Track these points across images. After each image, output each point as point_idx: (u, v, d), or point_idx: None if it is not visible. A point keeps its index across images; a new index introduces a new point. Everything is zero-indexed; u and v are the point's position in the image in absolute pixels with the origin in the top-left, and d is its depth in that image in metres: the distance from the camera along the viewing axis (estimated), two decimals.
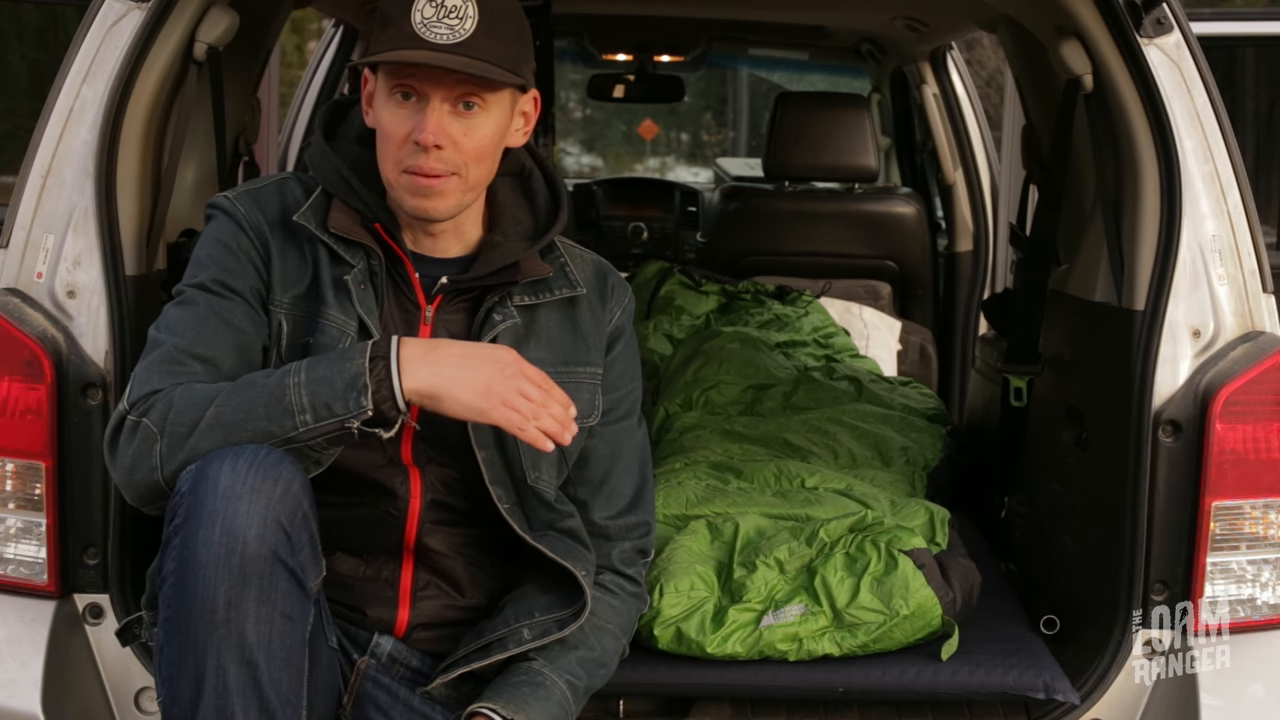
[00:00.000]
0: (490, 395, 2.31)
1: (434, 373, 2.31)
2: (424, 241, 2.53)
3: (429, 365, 2.32)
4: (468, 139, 2.41)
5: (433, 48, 2.35)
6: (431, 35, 2.36)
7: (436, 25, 2.36)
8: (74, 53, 2.81)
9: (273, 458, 2.26)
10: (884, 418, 3.94)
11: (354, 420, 2.28)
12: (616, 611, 2.62)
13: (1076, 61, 2.99)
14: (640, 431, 2.69)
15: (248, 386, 2.33)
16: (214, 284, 2.45)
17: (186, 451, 2.30)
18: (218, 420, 2.30)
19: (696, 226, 6.38)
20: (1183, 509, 2.78)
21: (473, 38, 2.36)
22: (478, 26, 2.37)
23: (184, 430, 2.31)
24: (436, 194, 2.42)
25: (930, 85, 5.53)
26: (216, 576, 2.18)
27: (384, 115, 2.41)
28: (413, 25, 2.36)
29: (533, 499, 2.53)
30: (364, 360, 2.30)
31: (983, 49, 14.15)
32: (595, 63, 7.00)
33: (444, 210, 2.45)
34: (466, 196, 2.47)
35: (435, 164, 2.39)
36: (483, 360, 2.34)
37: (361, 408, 2.28)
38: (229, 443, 2.29)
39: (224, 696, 2.19)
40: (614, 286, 2.65)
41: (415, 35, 2.36)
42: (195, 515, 2.20)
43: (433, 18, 2.36)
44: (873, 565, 2.89)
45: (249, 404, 2.30)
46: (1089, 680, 2.82)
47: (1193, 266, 2.81)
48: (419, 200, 2.43)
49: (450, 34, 2.36)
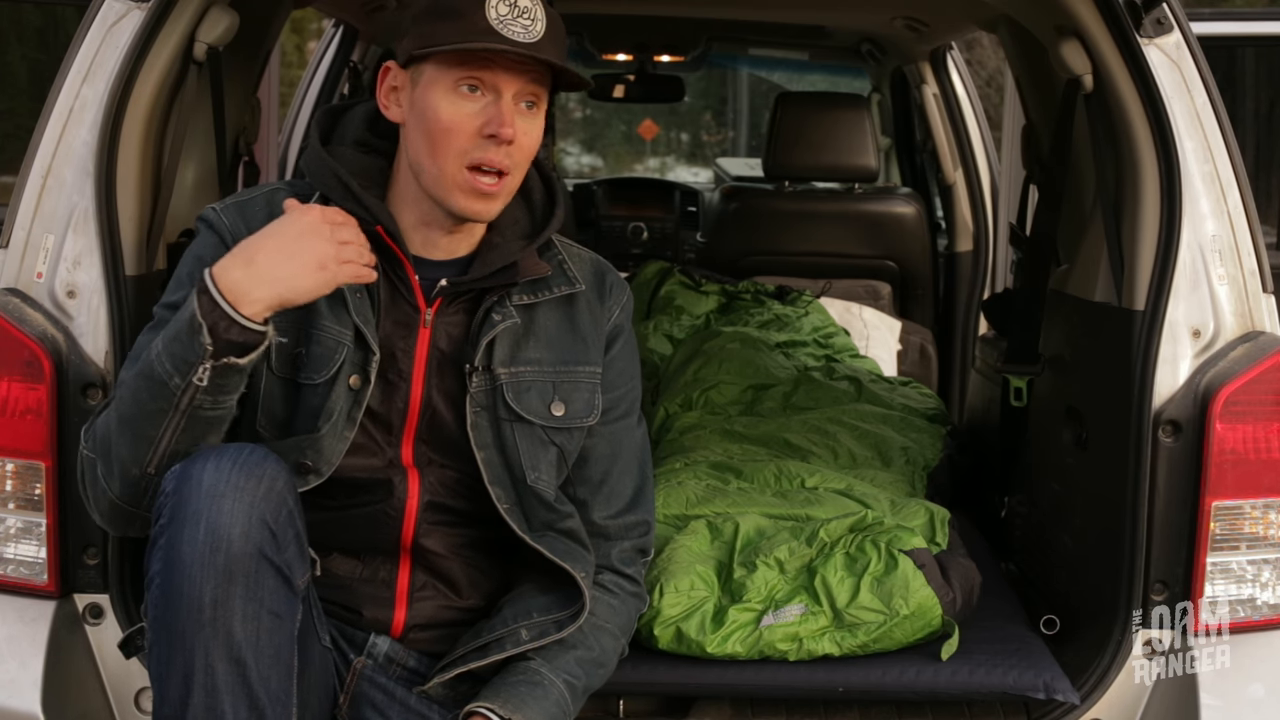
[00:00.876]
0: (326, 266, 2.30)
1: (261, 279, 2.27)
2: (440, 242, 2.51)
3: (253, 276, 2.27)
4: (528, 137, 2.44)
5: (513, 43, 2.38)
6: (509, 31, 2.38)
7: (512, 24, 2.39)
8: (74, 53, 2.81)
9: (256, 455, 2.26)
10: (884, 418, 3.94)
11: (206, 361, 2.25)
12: (615, 611, 2.62)
13: (1076, 61, 2.99)
14: (640, 430, 2.69)
15: (133, 379, 2.33)
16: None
17: (115, 463, 2.32)
18: (119, 420, 2.32)
19: (696, 226, 6.39)
20: (1183, 509, 2.78)
21: (543, 40, 2.40)
22: (546, 30, 2.41)
23: (106, 445, 2.33)
24: (494, 198, 2.44)
25: (930, 85, 5.53)
26: (202, 575, 2.18)
27: (444, 107, 2.41)
28: (488, 20, 2.38)
29: (532, 499, 2.53)
30: (193, 300, 2.26)
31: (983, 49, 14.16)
32: (595, 63, 7.00)
33: (494, 213, 2.48)
34: (509, 199, 2.49)
35: (504, 158, 2.42)
36: (298, 236, 2.30)
37: (203, 346, 2.24)
38: (137, 438, 2.30)
39: (213, 695, 2.20)
40: (612, 285, 2.65)
41: (493, 30, 2.38)
42: (180, 515, 2.21)
43: (508, 15, 2.39)
44: (873, 565, 2.89)
45: (134, 393, 2.31)
46: (1089, 680, 2.82)
47: (1193, 266, 2.81)
48: (475, 202, 2.44)
49: (525, 33, 2.39)
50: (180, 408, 2.27)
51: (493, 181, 2.43)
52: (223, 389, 2.29)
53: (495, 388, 2.51)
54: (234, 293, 2.26)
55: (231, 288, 2.26)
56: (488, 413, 2.51)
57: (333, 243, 2.30)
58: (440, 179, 2.43)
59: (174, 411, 2.28)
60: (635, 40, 6.54)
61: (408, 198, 2.49)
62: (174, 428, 2.29)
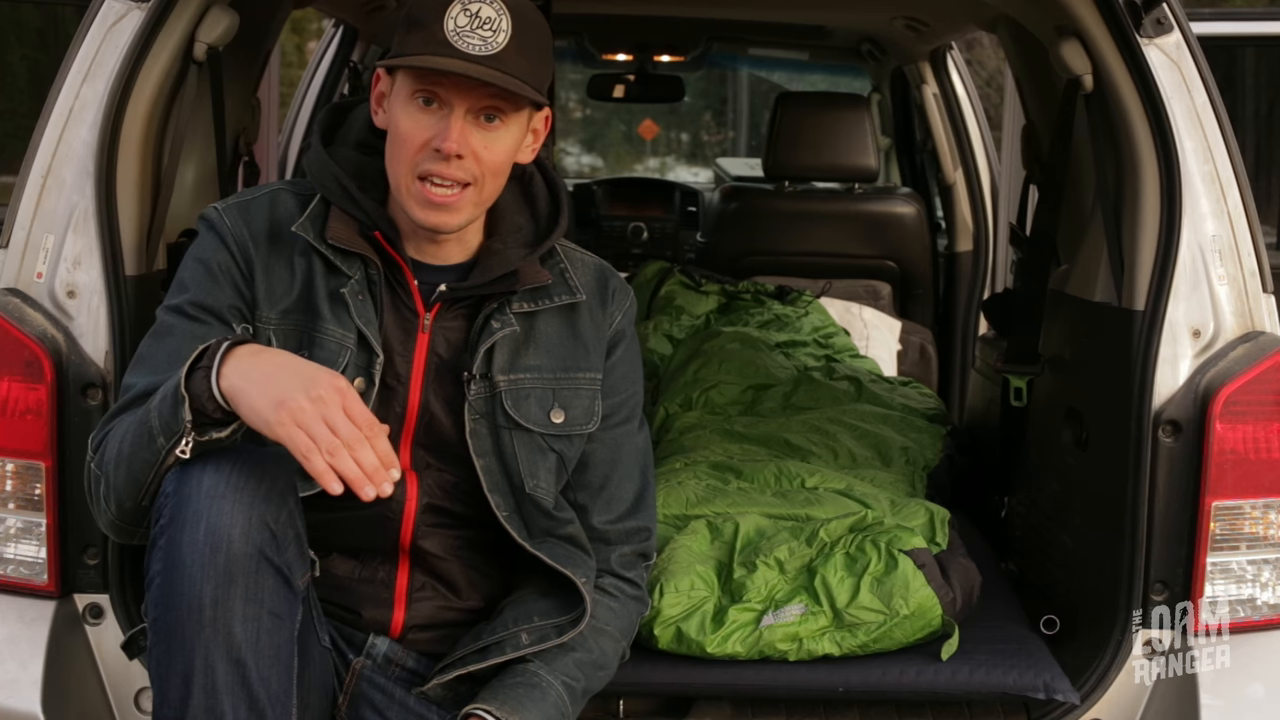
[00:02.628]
0: (281, 409, 2.13)
1: (241, 374, 2.18)
2: (426, 249, 2.51)
3: (241, 367, 2.19)
4: (487, 152, 2.39)
5: (465, 57, 2.34)
6: (464, 45, 2.34)
7: (470, 35, 2.34)
8: (74, 53, 2.81)
9: (257, 456, 2.25)
10: (884, 418, 3.94)
11: (187, 435, 2.19)
12: (616, 614, 2.61)
13: (1076, 61, 2.99)
14: (642, 435, 2.68)
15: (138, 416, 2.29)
16: (190, 307, 2.44)
17: (112, 490, 2.32)
18: (119, 456, 2.30)
19: (696, 226, 6.39)
20: (1183, 509, 2.78)
21: (504, 51, 2.35)
22: (510, 41, 2.36)
23: (109, 470, 2.32)
24: (450, 210, 2.41)
25: (930, 85, 5.53)
26: (202, 576, 2.17)
27: (402, 119, 2.39)
28: (445, 32, 2.34)
29: (531, 507, 2.52)
30: (182, 371, 2.21)
31: (983, 49, 14.15)
32: (595, 63, 7.00)
33: (455, 224, 2.44)
34: (477, 210, 2.46)
35: (455, 171, 2.38)
36: (295, 375, 2.17)
37: (181, 421, 2.19)
38: (130, 476, 2.28)
39: (213, 696, 2.19)
40: (615, 291, 2.63)
41: (447, 43, 2.34)
42: (180, 515, 2.20)
43: (466, 27, 2.34)
44: (873, 565, 2.89)
45: (134, 436, 2.28)
46: (1089, 680, 2.82)
47: (1193, 266, 2.81)
48: (429, 213, 2.40)
49: (483, 45, 2.34)
50: (167, 465, 2.25)
51: (446, 193, 2.38)
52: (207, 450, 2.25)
53: (494, 395, 2.50)
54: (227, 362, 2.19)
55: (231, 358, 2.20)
56: (486, 420, 2.50)
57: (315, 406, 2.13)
58: (399, 189, 2.42)
59: (161, 466, 2.25)
60: (635, 40, 6.54)
61: (399, 203, 2.48)
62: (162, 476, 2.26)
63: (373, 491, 2.13)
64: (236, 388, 2.18)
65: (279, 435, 2.14)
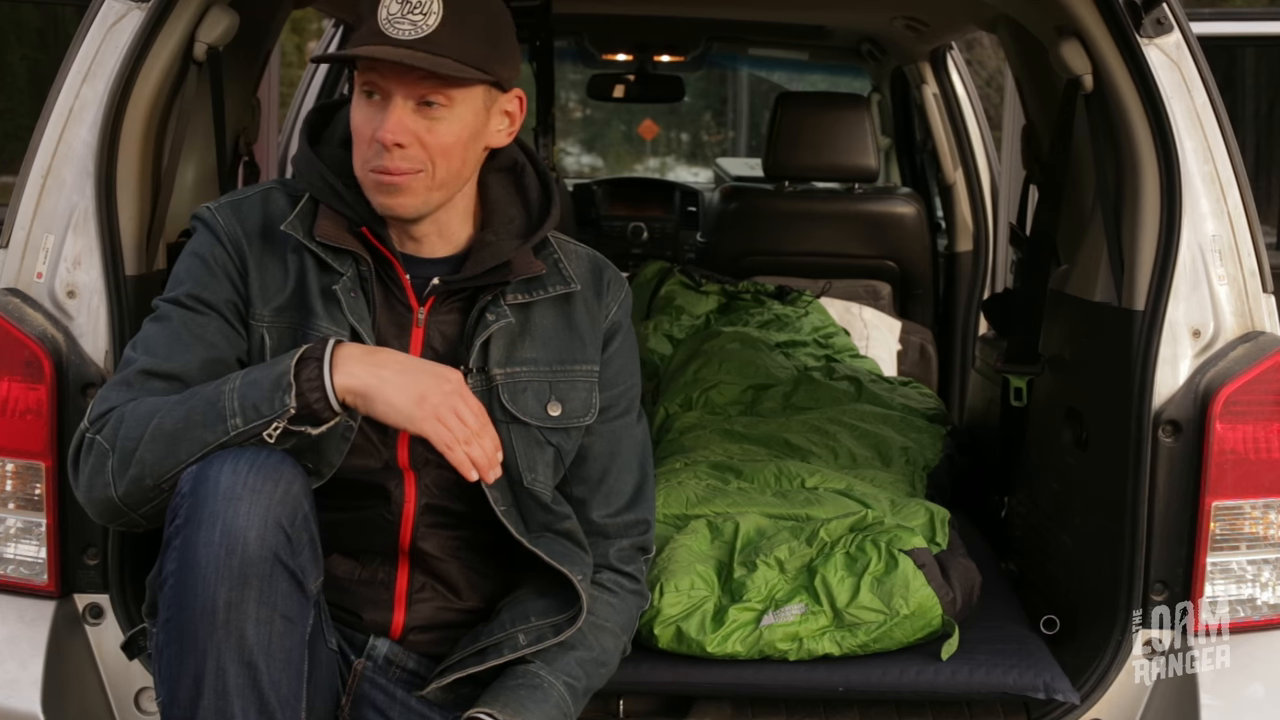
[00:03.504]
0: (424, 404, 2.29)
1: (370, 373, 2.30)
2: (410, 243, 2.50)
3: (366, 366, 2.30)
4: (431, 136, 2.38)
5: (393, 43, 2.34)
6: (394, 31, 2.34)
7: (400, 21, 2.34)
8: (74, 53, 2.81)
9: (274, 459, 2.25)
10: (884, 418, 3.94)
11: (279, 420, 2.26)
12: (616, 610, 2.61)
13: (1076, 61, 2.99)
14: (640, 428, 2.68)
15: (190, 396, 2.33)
16: (188, 299, 2.44)
17: (134, 466, 2.31)
18: (159, 431, 2.30)
19: (696, 226, 6.39)
20: (1183, 509, 2.78)
21: (436, 33, 2.34)
22: (441, 22, 2.35)
23: (131, 445, 2.31)
24: (402, 191, 2.40)
25: (930, 85, 5.53)
26: (217, 577, 2.18)
27: (356, 114, 2.41)
28: (378, 21, 2.35)
29: (529, 501, 2.52)
30: (291, 361, 2.29)
31: (983, 49, 14.16)
32: (595, 63, 7.00)
33: (410, 208, 2.43)
34: (435, 195, 2.44)
35: (399, 162, 2.37)
36: (424, 372, 2.33)
37: (285, 406, 2.26)
38: (170, 454, 2.29)
39: (224, 698, 2.19)
40: (610, 281, 2.63)
41: (380, 31, 2.34)
42: (196, 516, 2.20)
43: (397, 14, 2.35)
44: (873, 565, 2.89)
45: (188, 413, 2.30)
46: (1089, 680, 2.82)
47: (1193, 266, 2.81)
48: (384, 198, 2.41)
49: (412, 29, 2.34)
50: (225, 444, 2.28)
51: (394, 178, 2.38)
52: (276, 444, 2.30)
53: (491, 389, 2.50)
54: (340, 363, 2.29)
55: (341, 359, 2.29)
56: None
57: (448, 399, 2.30)
58: (361, 183, 2.43)
59: (217, 446, 2.28)
60: (635, 40, 6.55)
61: None
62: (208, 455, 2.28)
63: (493, 476, 2.36)
64: (369, 385, 2.29)
65: (423, 429, 2.29)
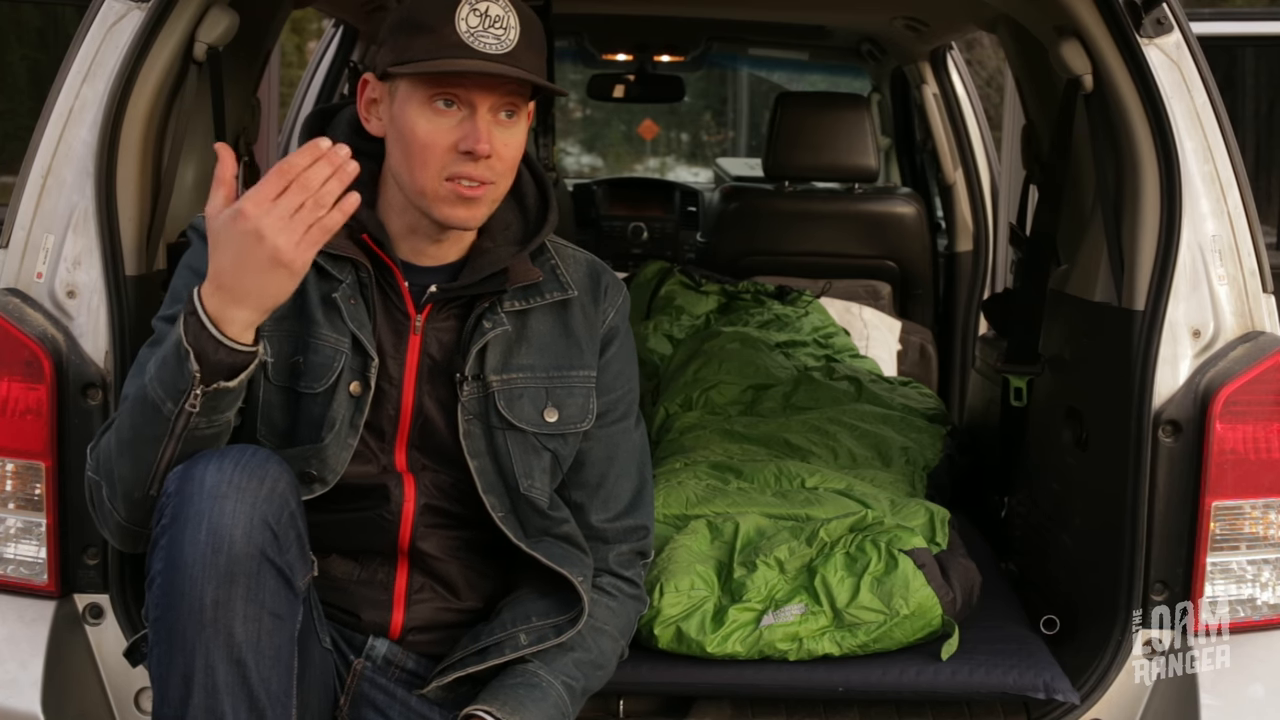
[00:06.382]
0: (280, 254, 2.16)
1: (233, 297, 2.19)
2: (428, 250, 2.49)
3: (225, 297, 2.19)
4: (508, 149, 2.41)
5: (484, 56, 2.35)
6: (480, 44, 2.35)
7: (484, 35, 2.36)
8: (74, 53, 2.81)
9: (259, 457, 2.26)
10: (884, 418, 3.94)
11: (196, 388, 2.21)
12: (614, 613, 2.61)
13: (1076, 61, 2.99)
14: (638, 433, 2.68)
15: (131, 402, 2.31)
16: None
17: (119, 484, 2.31)
18: (118, 444, 2.31)
19: (696, 226, 6.39)
20: (1183, 509, 2.78)
21: (517, 48, 2.37)
22: (520, 37, 2.38)
23: (109, 467, 2.32)
24: (479, 202, 2.41)
25: (930, 85, 5.53)
26: (203, 576, 2.18)
27: (420, 124, 2.38)
28: (459, 34, 2.35)
29: (526, 507, 2.52)
30: (179, 327, 2.23)
31: (983, 49, 14.16)
32: (595, 63, 7.00)
33: (479, 219, 2.44)
34: (494, 207, 2.47)
35: (485, 173, 2.39)
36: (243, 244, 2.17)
37: (191, 372, 2.20)
38: (140, 460, 2.28)
39: (213, 696, 2.19)
40: (607, 287, 2.62)
41: (463, 44, 2.35)
42: (181, 515, 2.20)
43: (478, 27, 2.36)
44: (873, 565, 2.89)
45: (131, 417, 2.29)
46: (1089, 680, 2.82)
47: (1193, 266, 2.81)
48: (462, 210, 2.40)
49: (497, 44, 2.36)
50: (175, 432, 2.26)
51: (474, 185, 2.39)
52: (216, 408, 2.27)
53: (487, 396, 2.50)
54: (217, 316, 2.21)
55: (214, 312, 2.22)
56: (480, 421, 2.50)
57: (280, 232, 2.16)
58: (423, 193, 2.41)
59: (170, 436, 2.26)
60: (635, 40, 6.55)
61: (395, 205, 2.47)
62: (171, 450, 2.27)
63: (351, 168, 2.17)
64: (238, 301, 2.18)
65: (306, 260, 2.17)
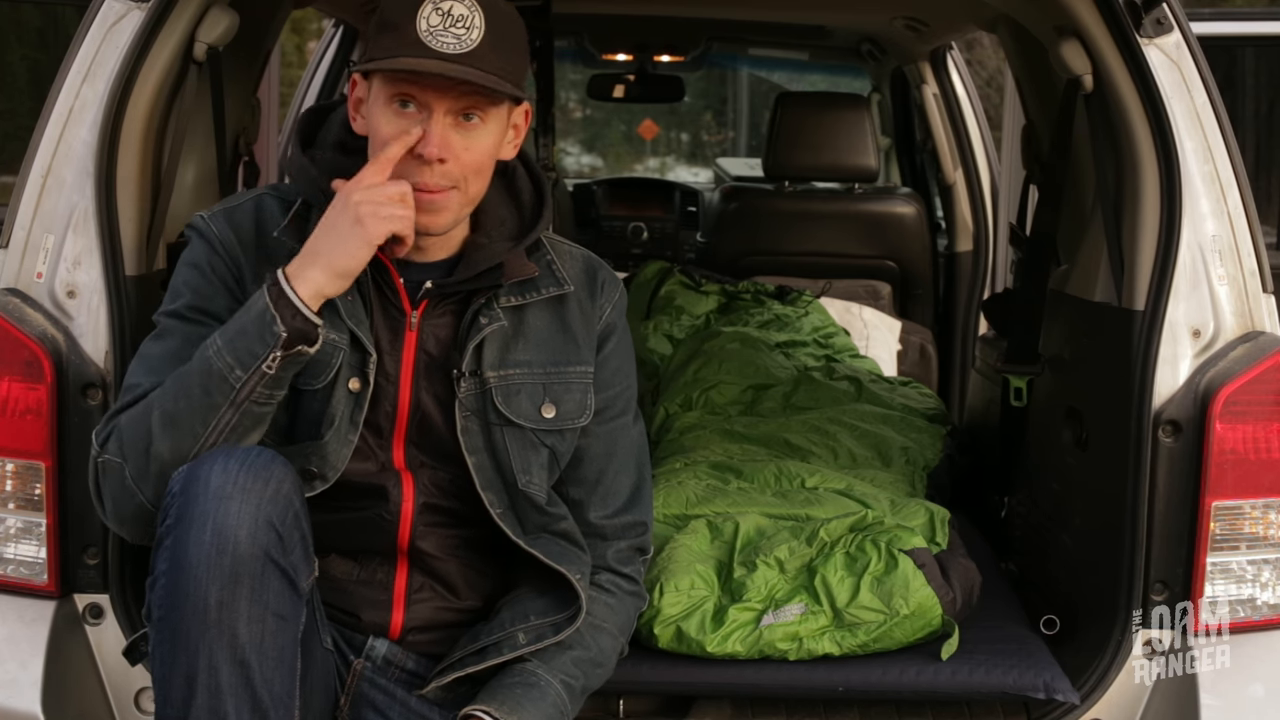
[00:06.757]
0: (361, 218, 2.29)
1: (312, 262, 2.32)
2: (421, 246, 2.48)
3: (306, 261, 2.32)
4: (468, 153, 2.37)
5: (440, 57, 2.31)
6: (438, 44, 2.32)
7: (443, 34, 2.32)
8: (74, 53, 2.81)
9: (264, 458, 2.26)
10: (884, 418, 3.94)
11: (276, 352, 2.28)
12: (613, 610, 2.61)
13: (1076, 61, 2.99)
14: (636, 429, 2.67)
15: (176, 378, 2.34)
16: (189, 310, 2.44)
17: (153, 462, 2.31)
18: (163, 418, 2.31)
19: (696, 226, 6.39)
20: (1183, 509, 2.78)
21: (479, 49, 2.33)
22: (484, 38, 2.33)
23: (141, 444, 2.32)
24: (439, 209, 2.39)
25: (930, 85, 5.54)
26: (208, 576, 2.18)
27: (381, 124, 2.37)
28: (418, 32, 2.32)
29: (524, 503, 2.52)
30: (264, 296, 2.31)
31: (983, 49, 14.16)
32: (595, 63, 7.01)
33: (442, 226, 2.42)
34: (464, 210, 2.44)
35: (439, 179, 2.36)
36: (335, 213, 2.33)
37: (276, 335, 2.28)
38: (184, 435, 2.30)
39: (216, 697, 2.19)
40: (604, 282, 2.62)
41: (420, 43, 2.31)
42: (186, 515, 2.20)
43: (439, 26, 2.32)
44: (873, 565, 2.89)
45: (185, 389, 2.31)
46: (1089, 680, 2.82)
47: (1193, 266, 2.81)
48: (420, 216, 2.38)
49: (457, 44, 2.32)
50: (238, 401, 2.29)
51: (433, 196, 2.37)
52: (280, 382, 2.32)
53: (484, 391, 2.50)
54: (294, 275, 2.31)
55: (292, 272, 2.31)
56: (477, 417, 2.50)
57: (365, 203, 2.30)
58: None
59: (229, 406, 2.29)
60: (635, 40, 6.55)
61: None
62: (225, 423, 2.30)
63: None
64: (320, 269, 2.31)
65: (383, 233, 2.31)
